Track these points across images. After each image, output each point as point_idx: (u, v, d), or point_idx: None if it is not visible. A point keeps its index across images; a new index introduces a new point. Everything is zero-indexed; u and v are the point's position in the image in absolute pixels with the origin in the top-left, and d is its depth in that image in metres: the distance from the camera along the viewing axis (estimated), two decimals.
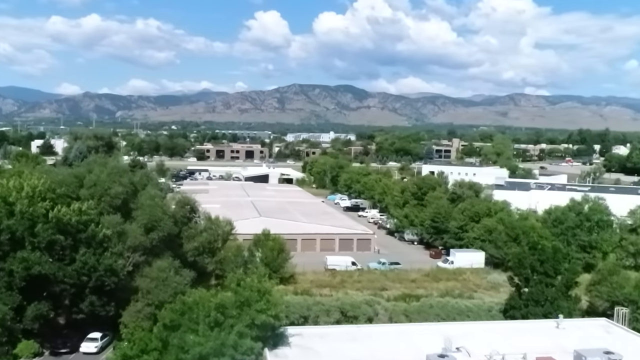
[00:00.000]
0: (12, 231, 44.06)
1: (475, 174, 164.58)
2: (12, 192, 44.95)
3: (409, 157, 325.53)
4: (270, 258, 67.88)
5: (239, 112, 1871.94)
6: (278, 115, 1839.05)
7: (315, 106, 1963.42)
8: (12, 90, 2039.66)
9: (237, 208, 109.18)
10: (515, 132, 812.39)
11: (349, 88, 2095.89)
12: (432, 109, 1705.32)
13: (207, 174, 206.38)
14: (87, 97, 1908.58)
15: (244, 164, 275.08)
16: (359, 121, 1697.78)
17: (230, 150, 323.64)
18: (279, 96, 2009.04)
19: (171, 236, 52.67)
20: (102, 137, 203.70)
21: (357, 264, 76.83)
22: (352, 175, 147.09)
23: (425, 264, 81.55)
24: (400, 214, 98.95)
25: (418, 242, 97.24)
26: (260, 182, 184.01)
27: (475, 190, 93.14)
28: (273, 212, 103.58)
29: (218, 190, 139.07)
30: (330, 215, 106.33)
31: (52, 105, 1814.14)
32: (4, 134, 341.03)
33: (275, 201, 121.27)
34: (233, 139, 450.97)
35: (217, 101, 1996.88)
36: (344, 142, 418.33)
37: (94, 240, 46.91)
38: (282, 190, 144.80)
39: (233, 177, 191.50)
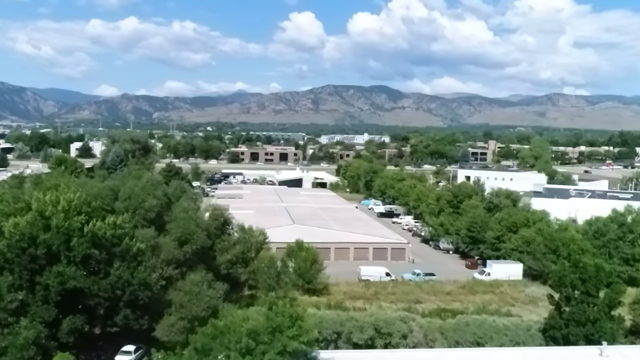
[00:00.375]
0: (48, 245, 44.44)
1: (512, 179, 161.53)
2: (48, 207, 45.37)
3: (444, 159, 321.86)
4: (303, 269, 67.45)
5: (273, 113, 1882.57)
6: (312, 116, 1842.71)
7: (349, 107, 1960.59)
8: (53, 92, 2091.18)
9: (270, 214, 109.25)
10: (553, 133, 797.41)
11: (383, 88, 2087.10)
12: (467, 110, 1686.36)
13: (241, 178, 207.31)
14: (125, 98, 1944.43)
15: (277, 166, 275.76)
16: (394, 122, 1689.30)
17: (264, 152, 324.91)
18: (313, 97, 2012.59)
19: (204, 249, 52.61)
20: (139, 140, 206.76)
21: (391, 275, 75.79)
22: (387, 181, 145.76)
23: (461, 275, 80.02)
24: (436, 223, 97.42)
25: (453, 251, 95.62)
26: (294, 186, 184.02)
27: (512, 199, 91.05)
28: (306, 219, 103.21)
29: (252, 196, 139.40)
30: (363, 223, 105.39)
31: (91, 107, 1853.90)
32: (44, 136, 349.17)
33: (309, 207, 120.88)
34: (267, 141, 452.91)
35: (251, 102, 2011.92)
36: (378, 144, 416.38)
37: (128, 254, 47.07)
38: (315, 196, 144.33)
39: (267, 181, 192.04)
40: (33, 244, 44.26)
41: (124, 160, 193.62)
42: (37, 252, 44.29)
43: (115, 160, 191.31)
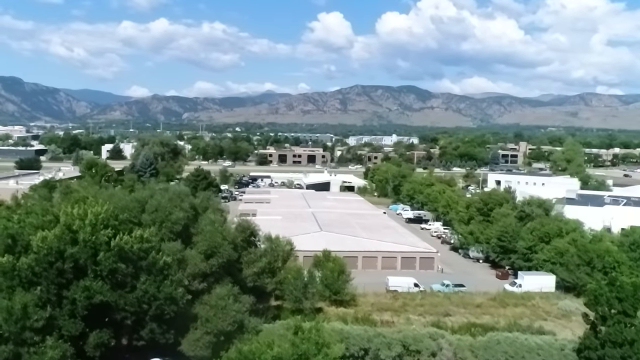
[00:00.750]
0: (76, 259, 44.44)
1: (544, 184, 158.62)
2: (76, 220, 45.42)
3: (474, 162, 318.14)
4: (330, 280, 66.74)
5: (302, 113, 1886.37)
6: (340, 116, 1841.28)
7: (377, 107, 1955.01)
8: (85, 93, 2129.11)
9: (298, 220, 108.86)
10: (586, 133, 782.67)
11: (412, 89, 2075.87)
12: (497, 110, 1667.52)
13: (269, 181, 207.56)
14: (156, 99, 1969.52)
15: (305, 169, 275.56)
16: (422, 122, 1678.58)
17: (292, 154, 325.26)
18: (342, 97, 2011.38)
19: (230, 261, 52.19)
20: (168, 143, 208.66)
21: (419, 286, 74.56)
22: (415, 186, 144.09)
23: (491, 285, 78.35)
24: (465, 231, 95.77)
25: (483, 260, 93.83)
26: (322, 189, 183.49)
27: (545, 208, 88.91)
28: (334, 226, 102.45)
29: (279, 200, 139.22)
30: (392, 230, 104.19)
31: (122, 108, 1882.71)
32: (76, 138, 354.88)
33: (337, 213, 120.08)
34: (295, 143, 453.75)
35: (280, 102, 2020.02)
36: (406, 146, 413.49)
37: (155, 267, 46.83)
38: (343, 200, 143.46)
39: (295, 185, 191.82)
40: (60, 258, 44.33)
41: (153, 164, 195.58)
42: (64, 266, 44.34)
43: (145, 163, 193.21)
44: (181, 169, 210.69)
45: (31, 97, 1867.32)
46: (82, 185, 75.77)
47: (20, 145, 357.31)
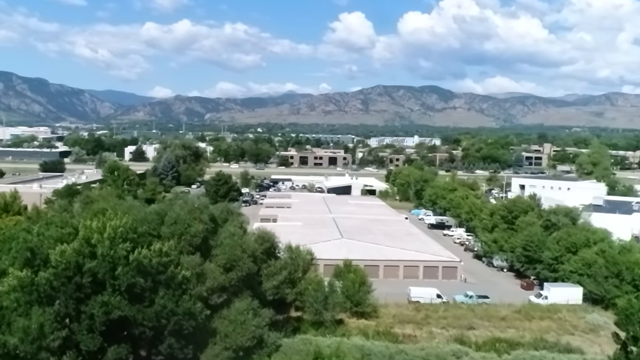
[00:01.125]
0: (94, 274, 44.09)
1: (569, 189, 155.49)
2: (94, 234, 45.05)
3: (497, 164, 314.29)
4: (351, 291, 65.69)
5: (323, 113, 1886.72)
6: (362, 116, 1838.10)
7: (399, 107, 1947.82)
8: (109, 94, 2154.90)
9: (318, 226, 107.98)
10: (612, 134, 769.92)
11: (434, 89, 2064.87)
12: (521, 110, 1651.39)
13: (290, 184, 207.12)
14: (178, 100, 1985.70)
15: (326, 171, 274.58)
16: (445, 122, 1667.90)
17: (313, 156, 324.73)
18: (363, 97, 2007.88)
19: (250, 274, 51.44)
20: (190, 146, 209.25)
21: (442, 297, 73.09)
22: (438, 191, 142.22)
23: (516, 296, 76.56)
24: (489, 239, 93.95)
25: (508, 269, 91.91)
26: (343, 193, 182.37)
27: (571, 217, 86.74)
28: (355, 233, 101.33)
29: (300, 205, 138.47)
30: (414, 237, 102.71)
31: (145, 108, 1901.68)
32: (100, 139, 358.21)
33: (358, 218, 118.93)
34: (317, 144, 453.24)
35: (301, 103, 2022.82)
36: (428, 148, 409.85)
37: (173, 281, 46.26)
38: (364, 205, 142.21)
39: (316, 188, 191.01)
40: (79, 272, 44.01)
41: (175, 167, 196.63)
42: (82, 280, 43.97)
43: (167, 166, 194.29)
44: (202, 171, 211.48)
45: (56, 98, 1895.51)
46: (101, 195, 75.64)
47: (45, 146, 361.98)
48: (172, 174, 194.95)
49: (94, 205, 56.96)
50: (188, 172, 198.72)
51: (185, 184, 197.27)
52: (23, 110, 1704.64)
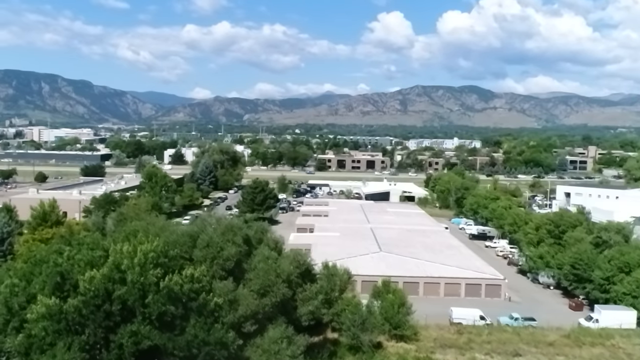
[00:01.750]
0: (124, 301, 42.68)
1: (617, 197, 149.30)
2: (124, 260, 43.67)
3: (540, 168, 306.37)
4: (390, 313, 63.02)
5: (361, 114, 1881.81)
6: (400, 117, 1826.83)
7: (438, 108, 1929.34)
8: (150, 95, 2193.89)
9: (356, 238, 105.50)
10: None
11: (474, 89, 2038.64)
12: (564, 110, 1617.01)
13: (327, 189, 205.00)
14: (218, 101, 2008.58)
15: (364, 175, 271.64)
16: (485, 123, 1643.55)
17: (351, 160, 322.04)
18: (402, 98, 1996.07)
19: (285, 300, 49.41)
20: (227, 151, 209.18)
21: (486, 319, 69.76)
22: (479, 200, 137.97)
23: (564, 317, 72.61)
24: (535, 254, 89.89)
25: (554, 287, 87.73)
26: (381, 199, 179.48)
27: (624, 234, 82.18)
28: (394, 245, 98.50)
29: (338, 213, 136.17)
30: (455, 250, 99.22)
31: (185, 110, 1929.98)
32: (140, 143, 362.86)
33: (396, 229, 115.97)
34: (355, 146, 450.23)
35: (339, 104, 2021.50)
36: (468, 151, 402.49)
37: (205, 309, 44.50)
38: (403, 214, 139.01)
39: (353, 194, 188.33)
40: (108, 300, 42.71)
41: (212, 172, 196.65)
42: (112, 308, 42.64)
43: (205, 171, 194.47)
44: (240, 176, 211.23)
45: (100, 100, 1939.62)
46: (135, 211, 74.80)
47: (87, 149, 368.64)
48: (210, 179, 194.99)
49: (127, 223, 55.73)
50: (225, 177, 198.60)
51: (222, 188, 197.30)
52: (68, 111, 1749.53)
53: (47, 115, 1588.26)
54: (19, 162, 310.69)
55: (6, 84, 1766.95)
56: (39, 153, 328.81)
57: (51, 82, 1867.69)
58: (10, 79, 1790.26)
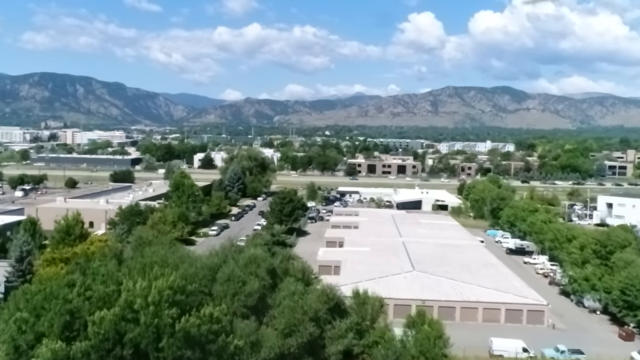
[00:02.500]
0: (136, 345, 39.21)
1: None
2: (137, 299, 40.16)
3: (577, 173, 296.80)
4: (426, 346, 58.39)
5: (391, 115, 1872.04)
6: (431, 118, 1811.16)
7: (470, 109, 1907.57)
8: (182, 97, 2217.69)
9: (388, 254, 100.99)
10: None
11: (506, 89, 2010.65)
12: (599, 111, 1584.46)
13: (357, 196, 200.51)
14: (248, 102, 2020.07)
15: (395, 181, 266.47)
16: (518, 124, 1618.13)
17: (381, 164, 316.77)
18: (432, 99, 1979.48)
19: (312, 339, 45.42)
20: (256, 157, 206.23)
21: (529, 351, 64.57)
22: (517, 211, 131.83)
23: (614, 349, 66.99)
24: (579, 276, 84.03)
25: (601, 311, 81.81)
26: (413, 208, 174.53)
27: None
28: (428, 263, 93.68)
29: (368, 225, 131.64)
30: (493, 269, 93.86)
31: (216, 111, 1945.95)
32: (170, 147, 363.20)
33: (430, 243, 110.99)
34: (385, 150, 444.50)
35: (369, 105, 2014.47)
36: (502, 154, 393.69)
37: (225, 352, 40.80)
38: (436, 226, 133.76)
39: (384, 202, 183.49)
40: (119, 343, 39.29)
41: (241, 179, 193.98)
42: (123, 352, 39.24)
43: (233, 178, 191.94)
44: (269, 183, 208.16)
45: (133, 102, 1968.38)
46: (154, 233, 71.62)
47: (119, 153, 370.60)
48: (238, 185, 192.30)
49: (146, 249, 52.37)
50: (254, 184, 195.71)
51: (251, 196, 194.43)
52: (102, 113, 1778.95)
53: (81, 117, 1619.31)
54: (51, 166, 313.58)
55: (42, 86, 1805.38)
56: (70, 157, 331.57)
57: (86, 85, 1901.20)
58: (46, 82, 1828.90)
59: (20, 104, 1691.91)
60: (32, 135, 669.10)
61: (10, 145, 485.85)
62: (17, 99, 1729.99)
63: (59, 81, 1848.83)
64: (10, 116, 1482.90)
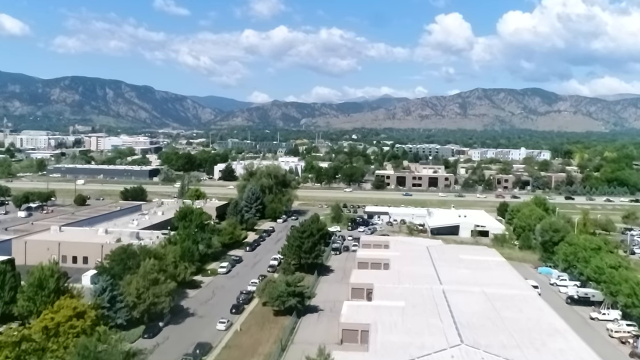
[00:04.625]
0: None
1: None
2: None
3: (625, 187, 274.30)
4: None
5: (419, 118, 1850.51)
6: (460, 121, 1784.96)
7: (499, 111, 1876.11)
8: (211, 100, 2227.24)
9: (426, 313, 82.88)
10: None
11: (537, 91, 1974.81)
12: (633, 113, 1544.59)
13: (387, 218, 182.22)
14: (275, 105, 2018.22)
15: (427, 196, 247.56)
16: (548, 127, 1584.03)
17: (412, 177, 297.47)
18: (461, 101, 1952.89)
19: None
20: (277, 174, 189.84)
21: None
22: (576, 249, 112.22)
23: None
24: None
25: None
26: (449, 234, 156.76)
27: None
28: (478, 328, 75.32)
29: (401, 264, 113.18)
30: (561, 340, 74.46)
31: (243, 114, 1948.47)
32: (191, 156, 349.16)
33: (477, 293, 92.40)
34: (414, 158, 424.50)
35: (397, 107, 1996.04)
36: (539, 164, 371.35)
37: None
38: (479, 265, 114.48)
39: (417, 227, 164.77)
40: None
41: (259, 198, 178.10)
42: None
43: (251, 198, 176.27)
44: (290, 201, 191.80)
45: (161, 105, 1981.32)
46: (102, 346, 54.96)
47: (138, 162, 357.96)
48: (256, 206, 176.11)
49: None
50: (273, 205, 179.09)
51: (270, 217, 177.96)
52: (130, 116, 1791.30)
53: (110, 120, 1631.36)
54: (67, 177, 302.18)
55: (73, 90, 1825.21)
56: (87, 168, 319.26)
57: (115, 88, 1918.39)
58: (77, 85, 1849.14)
59: (51, 108, 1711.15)
60: (56, 141, 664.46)
61: (32, 153, 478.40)
62: (49, 102, 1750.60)
63: (89, 85, 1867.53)
64: (41, 119, 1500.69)
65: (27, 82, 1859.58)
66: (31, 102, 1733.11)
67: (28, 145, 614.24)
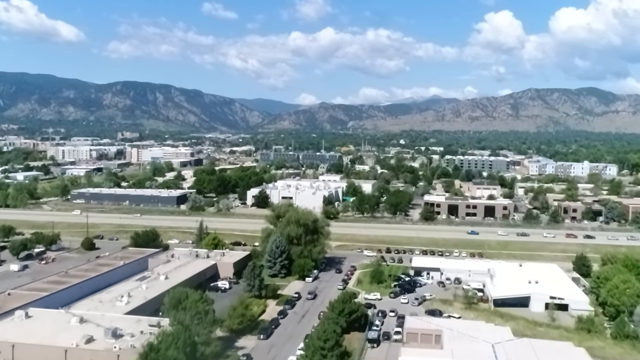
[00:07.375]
0: None
1: None
2: None
3: None
4: None
5: (469, 120, 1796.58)
6: (512, 122, 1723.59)
7: (553, 112, 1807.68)
8: (258, 102, 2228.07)
9: None
10: None
11: (592, 90, 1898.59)
12: None
13: (438, 277, 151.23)
14: (322, 107, 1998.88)
15: (484, 231, 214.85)
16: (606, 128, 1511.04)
17: (465, 205, 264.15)
18: (513, 102, 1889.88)
19: None
20: (306, 223, 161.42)
21: None
22: None
23: None
24: None
25: None
26: (518, 305, 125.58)
27: None
28: None
29: None
30: None
31: (291, 117, 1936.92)
32: (224, 178, 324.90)
33: None
34: (467, 177, 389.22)
35: (446, 109, 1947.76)
36: (612, 186, 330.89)
37: None
38: None
39: (475, 294, 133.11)
40: None
41: (285, 251, 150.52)
42: None
43: (275, 252, 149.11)
44: (322, 252, 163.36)
45: (210, 108, 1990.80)
46: None
47: (170, 184, 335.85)
48: (282, 262, 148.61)
49: None
50: (302, 260, 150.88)
51: (298, 273, 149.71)
52: (180, 120, 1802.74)
53: (160, 124, 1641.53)
54: (91, 203, 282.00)
55: (125, 95, 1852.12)
56: (112, 194, 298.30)
57: (165, 92, 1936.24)
58: (128, 90, 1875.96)
59: (103, 112, 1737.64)
60: (98, 152, 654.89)
61: (69, 168, 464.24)
62: (101, 107, 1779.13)
63: (140, 89, 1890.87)
64: (93, 124, 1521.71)
65: (81, 87, 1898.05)
66: (84, 107, 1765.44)
67: (69, 157, 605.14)
